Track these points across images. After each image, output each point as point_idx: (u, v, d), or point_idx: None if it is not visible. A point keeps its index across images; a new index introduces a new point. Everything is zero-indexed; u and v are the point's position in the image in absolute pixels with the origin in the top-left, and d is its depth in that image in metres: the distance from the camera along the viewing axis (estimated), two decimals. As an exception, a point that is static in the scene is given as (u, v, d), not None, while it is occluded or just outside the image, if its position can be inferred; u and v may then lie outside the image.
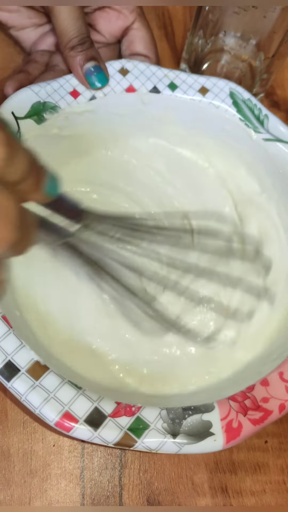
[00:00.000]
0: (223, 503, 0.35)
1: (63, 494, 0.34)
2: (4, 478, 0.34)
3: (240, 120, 0.41)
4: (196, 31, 0.46)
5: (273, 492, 0.36)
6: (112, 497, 0.34)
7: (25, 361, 0.29)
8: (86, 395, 0.29)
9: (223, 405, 0.30)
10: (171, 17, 0.54)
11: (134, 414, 0.29)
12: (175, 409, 0.30)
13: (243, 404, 0.30)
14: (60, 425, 0.28)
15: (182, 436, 0.29)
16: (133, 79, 0.41)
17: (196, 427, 0.29)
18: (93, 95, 0.40)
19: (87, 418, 0.28)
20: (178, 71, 0.42)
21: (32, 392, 0.28)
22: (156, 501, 0.34)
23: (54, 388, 0.29)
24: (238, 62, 0.48)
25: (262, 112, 0.41)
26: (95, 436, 0.28)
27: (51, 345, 0.34)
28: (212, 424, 0.29)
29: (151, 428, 0.29)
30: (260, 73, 0.48)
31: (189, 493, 0.35)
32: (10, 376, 0.29)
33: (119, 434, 0.28)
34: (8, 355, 0.29)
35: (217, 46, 0.47)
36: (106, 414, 0.29)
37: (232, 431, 0.29)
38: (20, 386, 0.29)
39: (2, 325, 0.30)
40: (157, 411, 0.30)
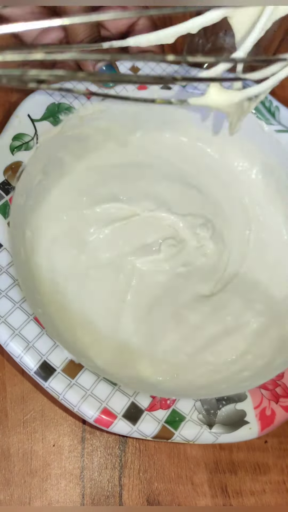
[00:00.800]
0: (223, 503, 0.35)
1: (63, 494, 0.34)
2: (4, 478, 0.34)
3: (251, 112, 0.41)
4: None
5: (273, 492, 0.36)
6: (112, 497, 0.34)
7: (60, 361, 0.30)
8: (122, 391, 0.30)
9: (255, 394, 0.31)
10: (171, 17, 0.54)
11: (169, 407, 0.30)
12: (208, 400, 0.30)
13: (274, 392, 0.31)
14: (100, 421, 0.29)
15: (218, 426, 0.29)
16: (144, 77, 0.41)
17: (230, 417, 0.30)
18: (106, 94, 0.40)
19: (125, 413, 0.29)
20: (188, 67, 0.42)
21: (69, 390, 0.29)
22: (156, 501, 0.34)
23: (90, 385, 0.29)
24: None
25: (273, 104, 0.42)
26: (134, 430, 0.29)
27: (78, 344, 0.35)
28: (246, 413, 0.30)
29: (187, 419, 0.29)
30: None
31: (189, 493, 0.35)
32: (46, 376, 0.29)
33: (157, 427, 0.29)
34: (43, 356, 0.30)
35: (217, 45, 0.47)
36: (143, 409, 0.29)
37: (266, 419, 0.30)
38: (58, 385, 0.29)
39: (35, 326, 0.30)
40: (192, 402, 0.30)
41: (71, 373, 0.30)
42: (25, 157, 0.36)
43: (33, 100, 0.38)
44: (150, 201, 0.41)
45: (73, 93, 0.39)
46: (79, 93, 0.28)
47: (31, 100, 0.38)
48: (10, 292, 0.31)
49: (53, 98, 0.38)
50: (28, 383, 0.36)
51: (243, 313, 0.38)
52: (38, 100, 0.38)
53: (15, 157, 0.35)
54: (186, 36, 0.49)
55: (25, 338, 0.30)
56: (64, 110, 0.38)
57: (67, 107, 0.38)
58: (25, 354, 0.29)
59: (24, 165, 0.36)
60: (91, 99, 0.39)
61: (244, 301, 0.39)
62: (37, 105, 0.38)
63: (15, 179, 0.35)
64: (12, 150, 0.35)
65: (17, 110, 0.37)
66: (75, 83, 0.39)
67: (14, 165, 0.35)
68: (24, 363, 0.29)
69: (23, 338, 0.30)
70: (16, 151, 0.36)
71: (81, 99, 0.39)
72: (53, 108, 0.38)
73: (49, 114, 0.38)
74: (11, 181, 0.35)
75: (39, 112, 0.37)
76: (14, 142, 0.36)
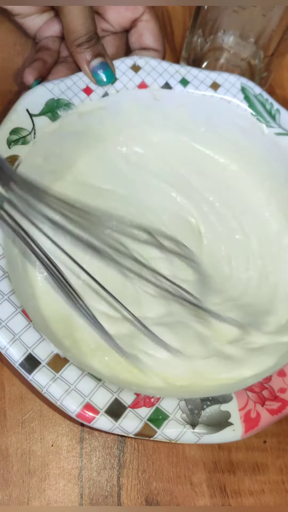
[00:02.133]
0: (221, 503, 0.35)
1: (62, 494, 0.34)
2: (3, 478, 0.34)
3: (251, 115, 0.41)
4: (195, 29, 0.46)
5: (272, 492, 0.35)
6: (111, 497, 0.34)
7: (45, 354, 0.30)
8: (106, 387, 0.30)
9: (241, 395, 0.31)
10: (171, 17, 0.55)
11: (153, 405, 0.30)
12: (193, 400, 0.30)
13: (260, 394, 0.31)
14: (82, 416, 0.28)
15: (201, 426, 0.29)
16: (145, 75, 0.41)
17: (214, 418, 0.30)
18: (105, 92, 0.40)
19: (108, 409, 0.29)
20: (189, 67, 0.42)
21: (53, 384, 0.29)
22: (155, 501, 0.34)
23: (74, 380, 0.29)
24: (238, 60, 0.48)
25: (273, 107, 0.41)
26: (116, 426, 0.28)
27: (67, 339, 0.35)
28: (231, 414, 0.30)
29: (170, 418, 0.29)
30: (259, 71, 0.48)
31: (187, 493, 0.35)
32: (31, 368, 0.29)
33: (139, 424, 0.29)
34: (28, 348, 0.30)
35: (216, 44, 0.47)
36: (126, 405, 0.29)
37: (250, 421, 0.30)
38: (41, 378, 0.29)
39: (22, 319, 0.30)
40: (176, 402, 0.30)
41: (56, 367, 0.29)
42: (22, 151, 0.36)
43: (33, 95, 0.38)
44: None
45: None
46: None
47: (31, 94, 0.38)
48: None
49: (53, 93, 0.38)
50: (27, 383, 0.36)
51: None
52: (37, 95, 0.38)
53: (11, 150, 0.36)
54: (185, 36, 0.49)
55: (12, 330, 0.30)
56: (63, 106, 0.38)
57: (66, 103, 0.38)
58: (10, 345, 0.29)
59: (20, 159, 0.36)
60: (91, 95, 0.39)
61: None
62: (36, 100, 0.38)
63: (10, 172, 0.35)
64: (9, 144, 0.36)
65: (16, 104, 0.37)
66: (76, 79, 0.40)
67: (10, 159, 0.35)
68: (9, 354, 0.29)
69: (9, 330, 0.30)
70: (13, 145, 0.36)
71: (80, 95, 0.39)
72: (52, 103, 0.38)
73: (47, 109, 0.38)
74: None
75: (38, 107, 0.38)
76: (11, 136, 0.36)
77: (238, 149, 0.43)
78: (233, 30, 0.46)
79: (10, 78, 0.47)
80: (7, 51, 0.49)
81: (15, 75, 0.47)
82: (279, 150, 0.41)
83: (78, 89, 0.39)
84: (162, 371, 0.34)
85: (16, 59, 0.48)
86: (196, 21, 0.46)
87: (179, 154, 0.44)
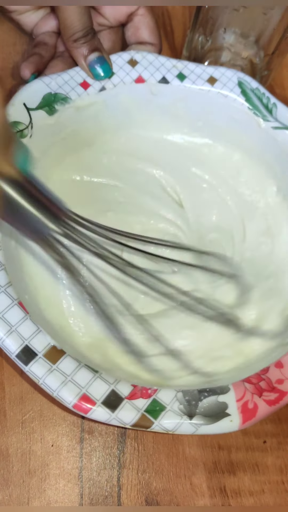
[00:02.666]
0: (221, 503, 0.35)
1: (62, 494, 0.34)
2: (3, 478, 0.34)
3: (248, 109, 0.41)
4: (196, 28, 0.46)
5: (272, 492, 0.35)
6: (111, 497, 0.34)
7: (42, 346, 0.30)
8: (103, 378, 0.30)
9: (238, 387, 0.30)
10: (171, 17, 0.55)
11: (150, 396, 0.29)
12: (190, 391, 0.30)
13: (258, 386, 0.31)
14: (78, 407, 0.28)
15: (199, 417, 0.29)
16: (142, 70, 0.41)
17: (212, 408, 0.29)
18: (103, 86, 0.40)
19: (105, 400, 0.29)
20: (186, 62, 0.42)
21: (50, 375, 0.29)
22: (155, 501, 0.34)
23: (71, 371, 0.29)
24: (238, 59, 0.48)
25: (270, 101, 0.41)
26: (113, 417, 0.28)
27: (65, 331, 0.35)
28: (228, 405, 0.30)
29: (167, 409, 0.29)
30: (260, 70, 0.48)
31: (187, 493, 0.35)
32: (27, 360, 0.29)
33: (136, 415, 0.29)
34: (25, 340, 0.30)
35: (217, 43, 0.47)
36: (123, 396, 0.29)
37: (248, 412, 0.30)
38: (38, 370, 0.29)
39: (18, 310, 0.30)
40: (173, 393, 0.30)
41: (53, 359, 0.29)
42: (19, 144, 0.36)
43: (30, 89, 0.38)
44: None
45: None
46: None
47: (28, 89, 0.38)
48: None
49: (50, 88, 0.38)
50: (27, 383, 0.36)
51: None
52: (34, 89, 0.38)
53: (8, 144, 0.36)
54: (186, 34, 0.49)
55: (8, 322, 0.30)
56: (60, 100, 0.38)
57: (64, 98, 0.39)
58: (7, 337, 0.29)
59: (17, 152, 0.36)
60: (88, 90, 0.39)
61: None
62: (33, 94, 0.38)
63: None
64: (5, 137, 0.36)
65: (13, 98, 0.37)
66: (73, 74, 0.40)
67: (7, 152, 0.35)
68: (6, 346, 0.29)
69: (6, 321, 0.30)
70: (10, 139, 0.36)
71: (77, 89, 0.39)
72: (49, 97, 0.38)
73: (45, 103, 0.38)
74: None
75: (35, 101, 0.38)
76: (8, 129, 0.36)
77: (235, 143, 0.43)
78: (234, 28, 0.46)
79: (10, 79, 0.47)
80: (7, 51, 0.49)
81: (15, 75, 0.47)
82: (276, 144, 0.41)
83: (75, 83, 0.39)
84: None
85: (16, 59, 0.48)
86: (197, 19, 0.46)
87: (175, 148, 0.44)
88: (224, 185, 0.43)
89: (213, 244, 0.40)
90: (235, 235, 0.41)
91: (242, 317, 0.37)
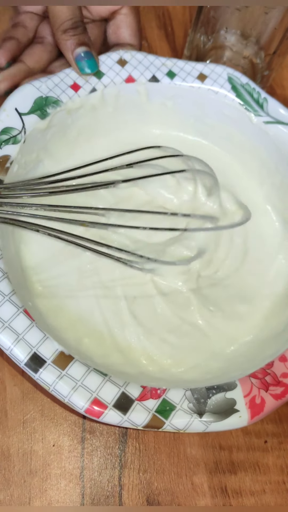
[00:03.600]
0: (222, 503, 0.35)
1: (63, 494, 0.34)
2: (4, 478, 0.34)
3: (239, 104, 0.42)
4: (198, 28, 0.46)
5: (273, 492, 0.36)
6: (112, 497, 0.34)
7: (50, 352, 0.30)
8: (113, 381, 0.30)
9: (245, 382, 0.31)
10: (171, 18, 0.54)
11: (160, 397, 0.30)
12: (199, 389, 0.30)
13: (264, 380, 0.31)
14: (90, 412, 0.29)
15: (208, 414, 0.29)
16: (132, 69, 0.41)
17: (220, 405, 0.30)
18: (93, 88, 0.40)
19: (116, 403, 0.29)
20: (175, 59, 0.42)
21: (60, 381, 0.29)
22: (156, 501, 0.34)
23: (81, 376, 0.29)
24: (240, 59, 0.48)
25: (261, 96, 0.42)
26: (125, 420, 0.29)
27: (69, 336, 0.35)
28: (236, 401, 0.30)
29: (177, 409, 0.30)
30: (261, 70, 0.48)
31: (188, 493, 0.35)
32: (36, 368, 0.29)
33: (147, 416, 0.29)
34: (33, 348, 0.30)
35: (218, 43, 0.48)
36: (133, 398, 0.29)
37: (255, 407, 0.30)
38: (48, 377, 0.29)
39: (24, 318, 0.30)
40: (182, 392, 0.30)
41: (62, 365, 0.30)
42: (13, 150, 0.36)
43: (21, 94, 0.38)
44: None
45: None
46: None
47: (19, 93, 0.38)
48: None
49: (40, 91, 0.38)
50: (28, 383, 0.36)
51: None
52: (25, 94, 0.38)
53: (3, 150, 0.35)
54: (186, 35, 0.49)
55: (15, 331, 0.30)
56: (52, 104, 0.38)
57: (55, 101, 0.38)
58: (15, 346, 0.29)
59: (12, 158, 0.36)
60: (79, 92, 0.39)
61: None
62: (24, 99, 0.38)
63: (3, 173, 0.35)
64: (0, 144, 0.35)
65: (5, 103, 0.37)
66: (63, 76, 0.39)
67: (1, 159, 0.35)
68: (14, 355, 0.29)
69: (12, 330, 0.30)
70: (4, 145, 0.36)
71: (68, 92, 0.39)
72: (41, 101, 0.38)
73: (36, 107, 0.38)
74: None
75: (26, 105, 0.37)
76: (1, 136, 0.36)
77: (227, 139, 0.44)
78: (235, 28, 0.46)
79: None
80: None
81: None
82: (268, 138, 0.41)
83: (65, 86, 0.39)
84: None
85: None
86: (198, 19, 0.46)
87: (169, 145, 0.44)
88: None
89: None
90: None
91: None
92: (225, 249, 0.40)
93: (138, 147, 0.43)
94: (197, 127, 0.44)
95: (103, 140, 0.43)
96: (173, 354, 0.36)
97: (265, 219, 0.43)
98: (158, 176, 0.38)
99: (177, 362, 0.36)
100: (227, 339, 0.37)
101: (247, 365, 0.33)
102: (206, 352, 0.36)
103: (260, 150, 0.42)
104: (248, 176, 0.44)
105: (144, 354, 0.36)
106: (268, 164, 0.42)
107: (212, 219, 0.40)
